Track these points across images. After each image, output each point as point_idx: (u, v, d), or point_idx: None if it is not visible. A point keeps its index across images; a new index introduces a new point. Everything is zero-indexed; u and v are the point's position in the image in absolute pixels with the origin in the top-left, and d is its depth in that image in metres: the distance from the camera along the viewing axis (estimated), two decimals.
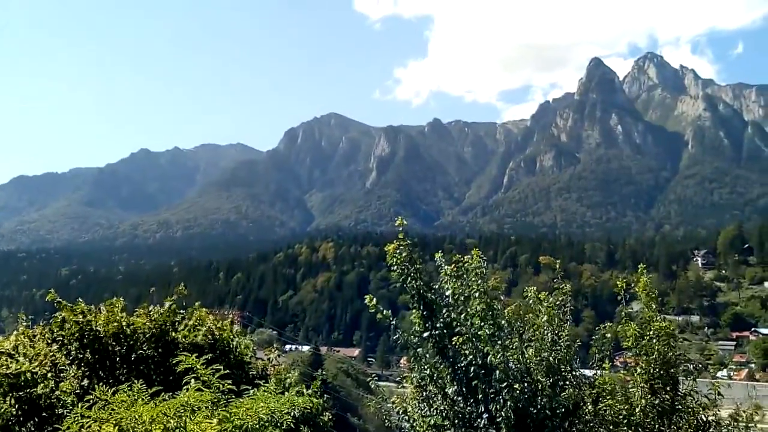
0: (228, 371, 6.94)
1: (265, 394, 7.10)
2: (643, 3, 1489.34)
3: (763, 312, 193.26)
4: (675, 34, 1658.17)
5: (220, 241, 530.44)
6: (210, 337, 8.88)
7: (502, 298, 10.06)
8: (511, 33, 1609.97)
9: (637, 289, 10.65)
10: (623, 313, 10.79)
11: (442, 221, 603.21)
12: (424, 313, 9.11)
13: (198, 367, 6.62)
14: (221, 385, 6.51)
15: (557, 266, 11.71)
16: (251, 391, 7.14)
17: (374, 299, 9.48)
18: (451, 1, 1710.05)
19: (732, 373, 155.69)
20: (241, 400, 6.66)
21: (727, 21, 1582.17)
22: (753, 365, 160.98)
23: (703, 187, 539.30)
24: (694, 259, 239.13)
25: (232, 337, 9.22)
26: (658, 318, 10.27)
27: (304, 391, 7.51)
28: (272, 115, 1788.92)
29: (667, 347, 9.99)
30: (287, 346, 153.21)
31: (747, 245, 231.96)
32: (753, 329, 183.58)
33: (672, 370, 9.98)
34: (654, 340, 9.99)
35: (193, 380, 6.42)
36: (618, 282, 10.91)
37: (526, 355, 9.37)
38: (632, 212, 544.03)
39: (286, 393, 7.37)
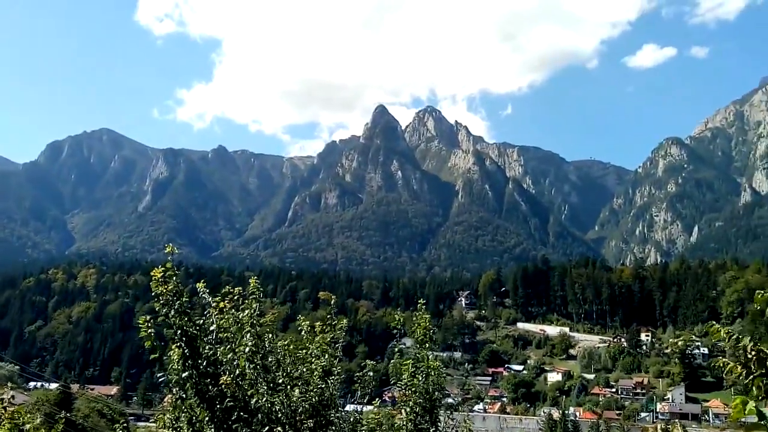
0: None
1: None
2: (424, 58, 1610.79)
3: (516, 350, 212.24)
4: (452, 90, 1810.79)
5: None
6: None
7: (277, 333, 9.58)
8: (300, 68, 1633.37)
9: (415, 326, 10.84)
10: (396, 349, 10.98)
11: (222, 252, 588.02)
12: (186, 350, 8.34)
13: None
14: None
15: (332, 301, 11.49)
16: None
17: (149, 321, 8.46)
18: (241, 27, 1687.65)
19: (487, 406, 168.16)
20: None
21: (498, 85, 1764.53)
22: (505, 399, 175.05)
23: (469, 233, 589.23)
24: (459, 299, 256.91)
25: None
26: (431, 356, 10.50)
27: None
28: (34, 125, 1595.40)
29: (433, 386, 10.22)
30: (31, 384, 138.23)
31: (504, 288, 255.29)
32: (506, 366, 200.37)
33: (435, 409, 10.23)
34: (423, 378, 10.21)
35: None
36: (396, 316, 11.00)
37: (293, 396, 8.93)
38: (407, 253, 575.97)
39: None
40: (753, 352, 5.00)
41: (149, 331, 8.41)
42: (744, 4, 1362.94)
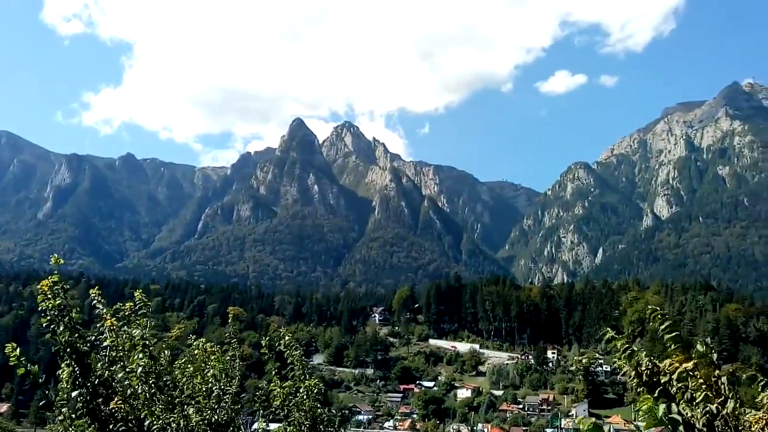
0: None
1: None
2: (343, 72, 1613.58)
3: (427, 366, 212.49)
4: (370, 107, 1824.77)
5: None
6: None
7: (180, 349, 9.73)
8: (216, 76, 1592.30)
9: (280, 346, 10.89)
10: (273, 371, 10.97)
11: (126, 263, 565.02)
12: (76, 368, 8.08)
13: None
14: None
15: (242, 316, 9.37)
16: None
17: (18, 349, 7.97)
18: (154, 32, 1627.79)
19: (397, 423, 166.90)
20: None
21: (416, 104, 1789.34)
22: (415, 415, 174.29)
23: (385, 249, 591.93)
24: (373, 315, 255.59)
25: None
26: (309, 376, 10.71)
27: None
28: None
29: (316, 404, 10.46)
30: None
31: (417, 305, 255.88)
32: (417, 382, 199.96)
33: (320, 426, 10.43)
34: (304, 398, 10.41)
35: None
36: (279, 332, 11.23)
37: (189, 415, 8.80)
38: (322, 268, 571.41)
39: None
40: (648, 366, 5.49)
41: (20, 358, 7.84)
42: (651, 38, 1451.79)
